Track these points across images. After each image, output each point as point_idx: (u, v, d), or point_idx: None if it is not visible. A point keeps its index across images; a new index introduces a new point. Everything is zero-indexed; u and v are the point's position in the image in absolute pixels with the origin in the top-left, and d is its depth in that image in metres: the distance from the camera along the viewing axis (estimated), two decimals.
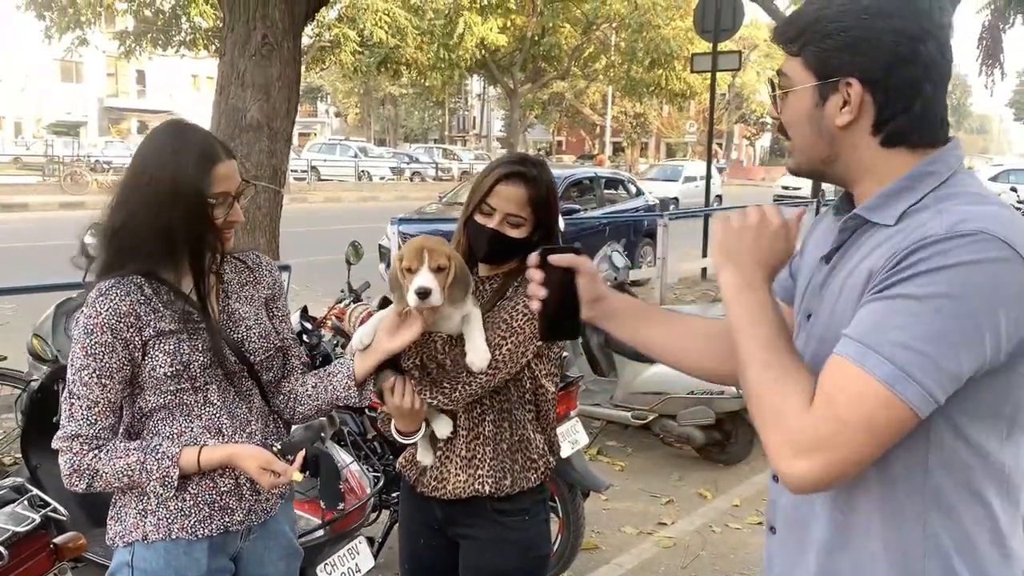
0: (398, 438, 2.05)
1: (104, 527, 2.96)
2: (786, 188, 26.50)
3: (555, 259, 1.48)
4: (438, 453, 2.11)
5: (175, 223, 1.75)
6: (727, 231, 1.30)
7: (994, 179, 22.37)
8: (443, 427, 2.06)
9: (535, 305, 1.49)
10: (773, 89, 1.32)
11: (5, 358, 4.36)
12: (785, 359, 1.20)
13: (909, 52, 1.19)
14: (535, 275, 1.49)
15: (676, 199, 23.14)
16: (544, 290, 1.48)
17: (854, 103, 1.22)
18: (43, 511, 2.01)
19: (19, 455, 4.00)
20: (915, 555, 1.20)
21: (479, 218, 2.04)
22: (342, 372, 1.95)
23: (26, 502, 2.03)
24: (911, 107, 1.21)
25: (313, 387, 1.98)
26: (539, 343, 2.01)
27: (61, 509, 2.02)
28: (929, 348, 1.07)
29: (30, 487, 2.06)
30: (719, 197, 23.44)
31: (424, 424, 2.04)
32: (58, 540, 2.08)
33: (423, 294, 1.77)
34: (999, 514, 1.20)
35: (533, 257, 1.50)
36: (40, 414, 3.22)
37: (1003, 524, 1.20)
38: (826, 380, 1.14)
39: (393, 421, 2.05)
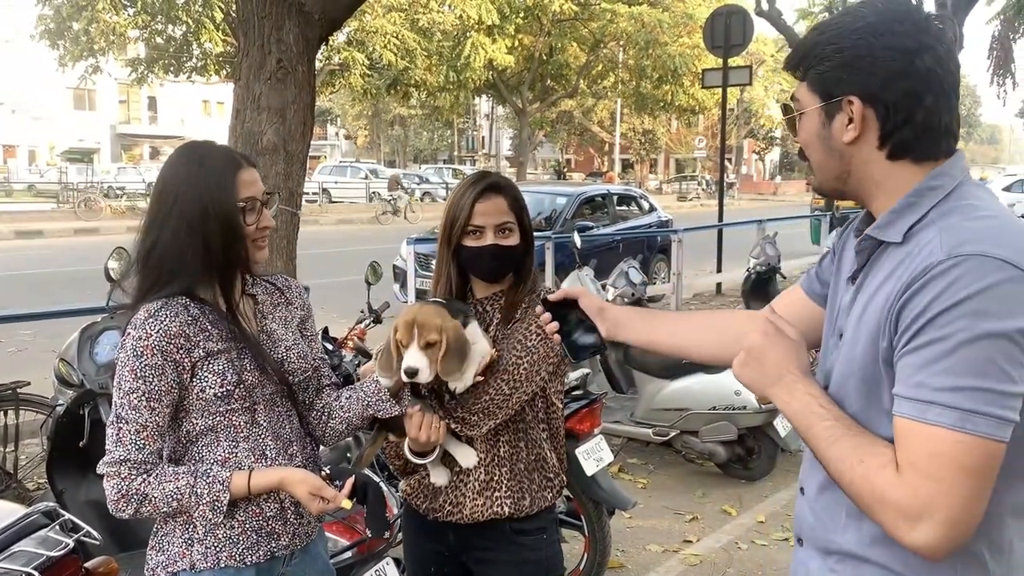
0: (412, 458, 2.02)
1: (130, 551, 2.99)
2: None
3: (552, 297, 1.79)
4: (453, 479, 2.08)
5: (210, 238, 1.75)
6: (739, 369, 1.39)
7: (1007, 189, 22.32)
8: (467, 457, 2.04)
9: (557, 339, 1.76)
10: (786, 113, 1.39)
11: (28, 383, 4.37)
12: (849, 443, 1.22)
13: (904, 65, 1.24)
14: (546, 318, 1.76)
15: None
16: (556, 324, 1.75)
17: (856, 119, 1.28)
18: (75, 535, 2.00)
19: (43, 480, 4.01)
20: (946, 561, 1.21)
21: (470, 242, 2.03)
22: (371, 381, 1.95)
23: (58, 527, 2.02)
24: (912, 118, 1.26)
25: (347, 399, 1.97)
26: (552, 361, 2.01)
27: (94, 533, 2.01)
28: (980, 380, 1.11)
29: (62, 511, 2.04)
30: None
31: (439, 447, 2.01)
32: (89, 564, 2.07)
33: (411, 373, 1.84)
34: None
35: (539, 309, 1.80)
36: (65, 439, 3.23)
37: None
38: (901, 446, 1.17)
39: (407, 442, 2.02)
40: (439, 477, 2.07)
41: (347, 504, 1.79)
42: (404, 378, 1.85)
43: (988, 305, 1.11)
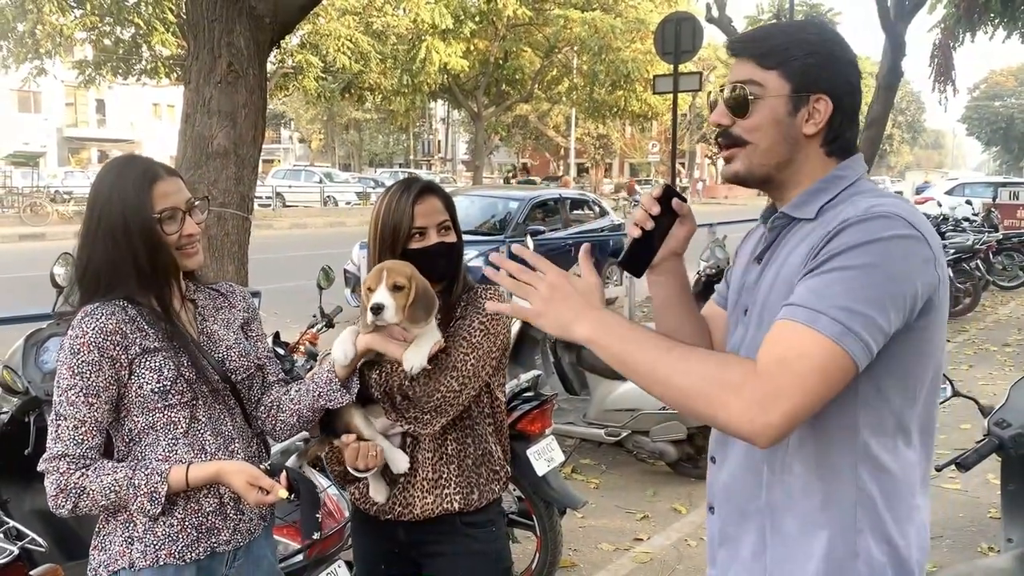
0: (353, 472, 2.03)
1: (77, 560, 2.95)
2: None
3: (677, 205, 1.52)
4: (401, 479, 2.10)
5: (134, 250, 1.80)
6: (543, 306, 1.41)
7: (950, 192, 22.69)
8: (400, 462, 2.06)
9: (635, 232, 1.54)
10: (735, 93, 1.43)
11: None
12: (686, 348, 1.33)
13: (857, 82, 1.45)
14: (652, 206, 1.53)
15: None
16: (651, 223, 1.54)
17: (822, 116, 1.42)
18: (20, 543, 1.99)
19: None
20: (848, 505, 1.37)
21: (415, 244, 2.06)
22: (323, 370, 1.96)
23: (2, 534, 2.01)
24: (852, 126, 1.46)
25: (296, 391, 1.99)
26: (495, 355, 2.07)
27: (40, 540, 2.00)
28: (867, 309, 1.25)
29: (6, 519, 2.03)
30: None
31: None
32: (35, 573, 2.06)
33: (376, 309, 1.85)
34: (911, 469, 1.39)
35: (658, 189, 1.55)
36: (10, 447, 3.17)
37: (914, 478, 1.40)
38: (776, 343, 1.28)
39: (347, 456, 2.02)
40: (378, 494, 2.10)
41: (283, 494, 1.81)
42: (370, 316, 1.86)
43: (892, 251, 1.27)
